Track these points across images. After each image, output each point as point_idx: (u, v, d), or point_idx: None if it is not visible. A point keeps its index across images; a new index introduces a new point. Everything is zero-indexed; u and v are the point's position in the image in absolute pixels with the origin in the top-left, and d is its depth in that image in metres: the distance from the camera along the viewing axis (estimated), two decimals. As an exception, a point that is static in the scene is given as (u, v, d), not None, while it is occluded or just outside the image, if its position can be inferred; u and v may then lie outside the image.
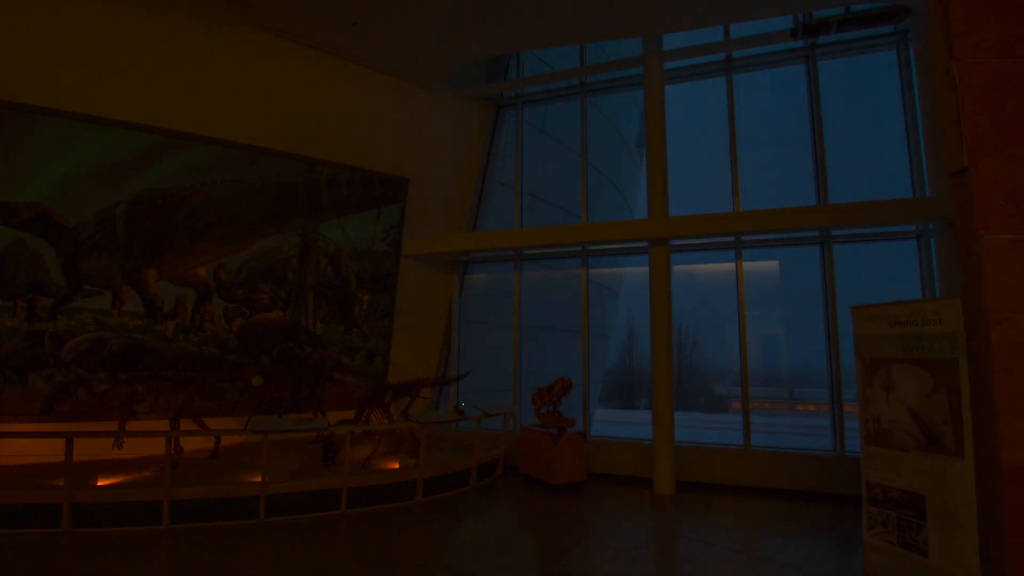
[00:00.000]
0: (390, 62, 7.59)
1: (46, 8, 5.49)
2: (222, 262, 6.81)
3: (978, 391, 3.31)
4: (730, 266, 7.32)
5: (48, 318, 5.87)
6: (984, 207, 3.40)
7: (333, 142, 7.39)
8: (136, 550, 4.36)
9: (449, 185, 8.75)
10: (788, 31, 7.09)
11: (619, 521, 5.44)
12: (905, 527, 3.49)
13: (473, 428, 6.65)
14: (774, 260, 7.94)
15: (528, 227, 8.68)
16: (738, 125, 7.50)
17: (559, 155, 9.77)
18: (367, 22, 6.64)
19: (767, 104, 8.23)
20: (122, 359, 6.14)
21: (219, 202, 6.67)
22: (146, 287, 6.38)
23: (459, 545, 4.83)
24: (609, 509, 5.83)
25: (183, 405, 5.96)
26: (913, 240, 6.60)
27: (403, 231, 8.07)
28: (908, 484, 3.52)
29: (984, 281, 3.29)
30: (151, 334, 6.37)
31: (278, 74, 6.90)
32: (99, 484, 5.04)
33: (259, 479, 5.17)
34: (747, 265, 7.25)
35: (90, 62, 5.76)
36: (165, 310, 6.45)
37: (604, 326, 11.94)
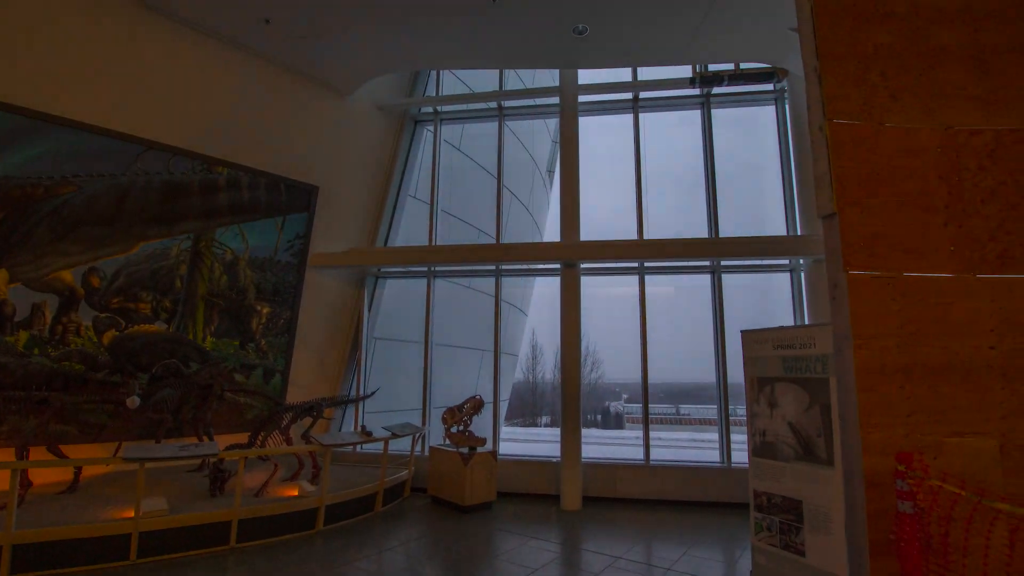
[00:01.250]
0: (305, 65, 7.27)
1: None
2: (94, 266, 5.99)
3: (844, 406, 3.78)
4: (630, 289, 7.79)
5: None
6: (848, 248, 3.93)
7: (237, 142, 6.88)
8: (-38, 608, 3.62)
9: (361, 197, 8.48)
10: (688, 79, 7.83)
11: (528, 539, 5.47)
12: (786, 530, 3.88)
13: (380, 450, 6.39)
14: (671, 286, 8.59)
15: (442, 244, 8.63)
16: (646, 159, 8.09)
17: (474, 174, 9.88)
18: (281, 20, 6.32)
19: (672, 142, 8.96)
20: (-47, 376, 5.15)
21: (95, 198, 5.89)
22: (-9, 291, 5.43)
23: None
24: (519, 528, 5.84)
25: (36, 430, 5.10)
26: (788, 272, 7.49)
27: (310, 241, 7.66)
28: (789, 491, 3.93)
29: (848, 311, 3.78)
30: (-5, 347, 5.42)
31: (177, 63, 6.32)
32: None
33: (131, 514, 4.54)
34: (649, 289, 7.76)
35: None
36: (17, 319, 5.52)
37: (512, 345, 12.12)
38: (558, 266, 7.49)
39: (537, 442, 11.23)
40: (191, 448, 5.14)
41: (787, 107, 7.85)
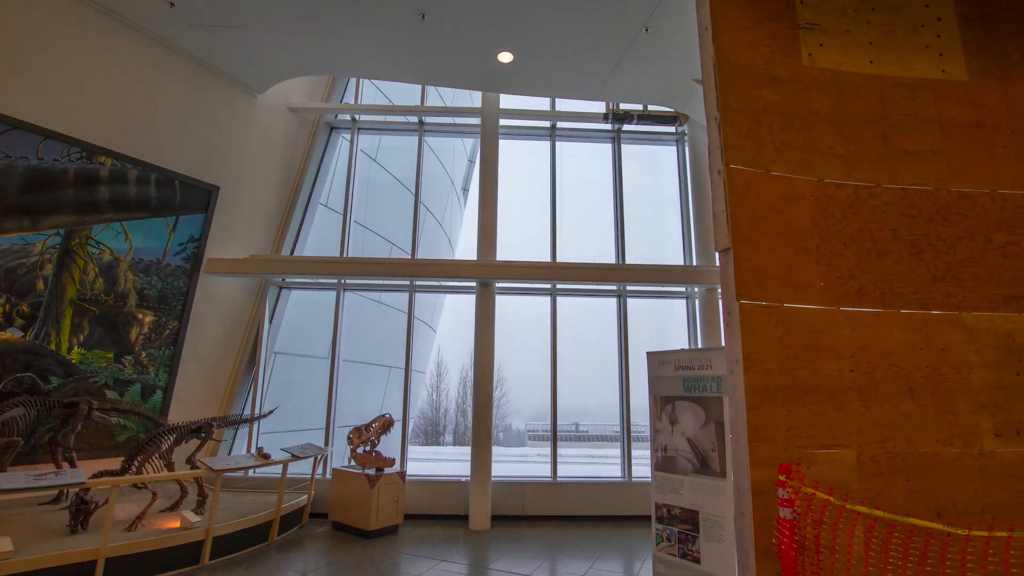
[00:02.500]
0: (214, 58, 6.78)
1: None
2: (-71, 261, 5.05)
3: (735, 423, 4.17)
4: (536, 309, 8.05)
5: None
6: (740, 279, 4.38)
7: (127, 131, 6.20)
8: None
9: (267, 201, 7.98)
10: (602, 115, 8.35)
11: (437, 563, 5.35)
12: (685, 540, 4.18)
13: (278, 474, 5.94)
14: (582, 307, 8.96)
15: (355, 256, 8.34)
16: (561, 186, 8.45)
17: (390, 187, 9.71)
18: (187, 6, 5.86)
19: (585, 171, 9.44)
20: None
21: (-65, 181, 4.99)
22: None
23: (257, 611, 4.20)
24: (426, 552, 5.70)
25: None
26: (684, 299, 8.15)
27: (205, 245, 7.04)
28: (687, 502, 4.24)
29: (739, 336, 4.20)
30: None
31: (58, 35, 5.59)
32: None
33: (-38, 558, 3.81)
34: (560, 310, 8.06)
35: None
36: None
37: (420, 361, 11.92)
38: (474, 284, 7.54)
39: (442, 461, 11.07)
40: (50, 477, 4.44)
41: (687, 149, 8.63)
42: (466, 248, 13.24)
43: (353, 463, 6.56)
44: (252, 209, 7.72)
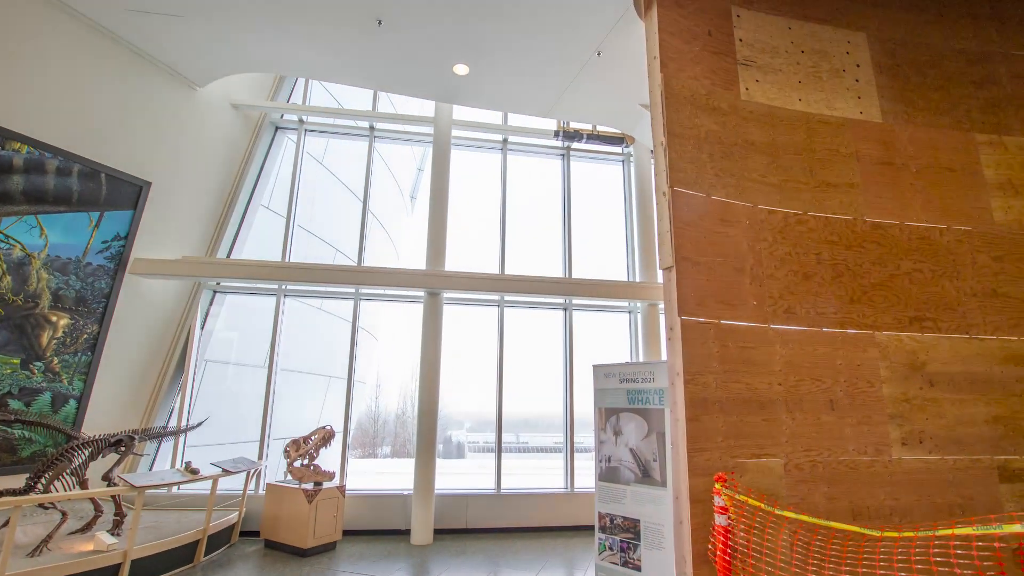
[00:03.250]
0: (152, 46, 6.40)
1: None
2: None
3: (675, 433, 4.36)
4: (480, 320, 8.08)
5: None
6: (682, 296, 4.61)
7: (48, 117, 5.73)
8: None
9: (204, 200, 7.58)
10: (553, 131, 8.56)
11: (376, 579, 5.21)
12: (626, 548, 4.30)
13: (207, 491, 5.59)
14: (530, 319, 9.06)
15: (297, 261, 8.05)
16: (511, 198, 8.56)
17: (336, 191, 9.48)
18: (125, -9, 5.53)
19: (535, 186, 9.61)
20: None
21: None
22: None
23: (181, 639, 3.92)
24: (366, 568, 5.53)
25: None
26: (627, 313, 8.43)
27: (133, 244, 6.59)
28: (629, 512, 4.38)
29: (680, 351, 4.41)
30: None
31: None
32: None
33: None
34: (507, 321, 8.12)
35: None
36: None
37: (361, 371, 11.60)
38: (422, 294, 7.47)
39: (381, 474, 10.81)
40: (-62, 497, 3.97)
41: (632, 169, 8.99)
42: (411, 256, 13.09)
43: (290, 477, 6.29)
44: (187, 208, 7.30)
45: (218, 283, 7.61)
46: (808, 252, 4.81)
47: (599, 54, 6.33)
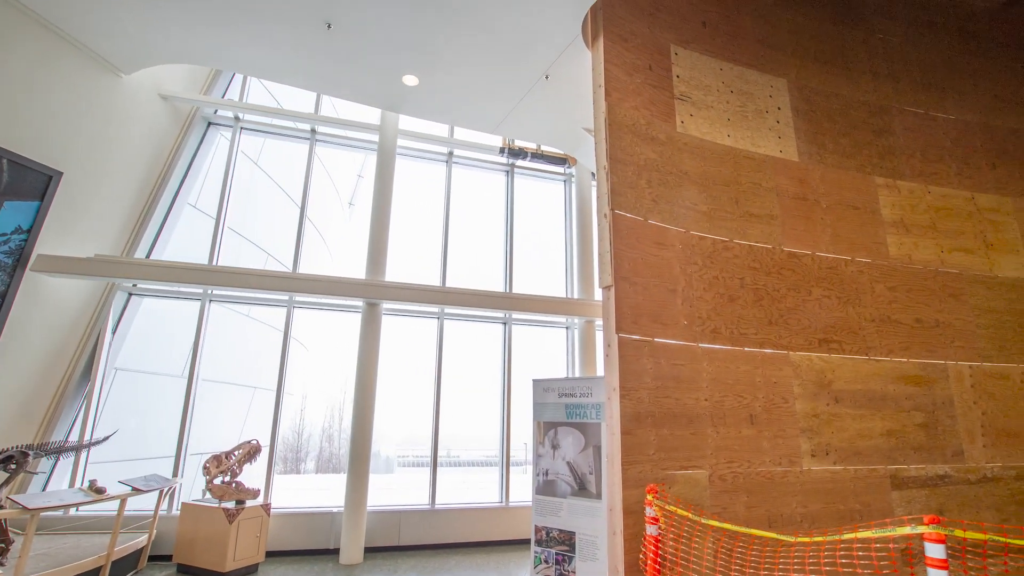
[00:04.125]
0: (71, 26, 5.92)
1: None
2: None
3: (611, 447, 4.52)
4: (419, 330, 8.03)
5: None
6: (620, 314, 4.81)
7: (-62, 96, 5.13)
8: None
9: (124, 196, 7.03)
10: (498, 148, 8.71)
11: (302, 602, 4.97)
12: (561, 560, 4.38)
13: (112, 512, 5.13)
14: (470, 332, 9.07)
15: (226, 265, 7.63)
16: (456, 211, 8.58)
17: (271, 194, 9.10)
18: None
19: (479, 200, 9.69)
20: None
21: None
22: None
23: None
24: (290, 590, 5.27)
25: None
26: (564, 328, 8.65)
27: (37, 239, 6.00)
28: (565, 524, 4.47)
29: (617, 367, 4.59)
30: None
31: None
32: None
33: None
34: (446, 334, 8.09)
35: None
36: None
37: (288, 382, 11.10)
38: (360, 304, 7.30)
39: (308, 491, 10.35)
40: None
41: (573, 189, 9.30)
42: (348, 264, 12.75)
43: (209, 496, 5.89)
44: (103, 202, 6.75)
45: (135, 285, 7.06)
46: (733, 276, 5.19)
47: (547, 77, 6.55)
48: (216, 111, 8.14)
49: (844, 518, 4.55)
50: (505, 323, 8.31)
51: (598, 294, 8.65)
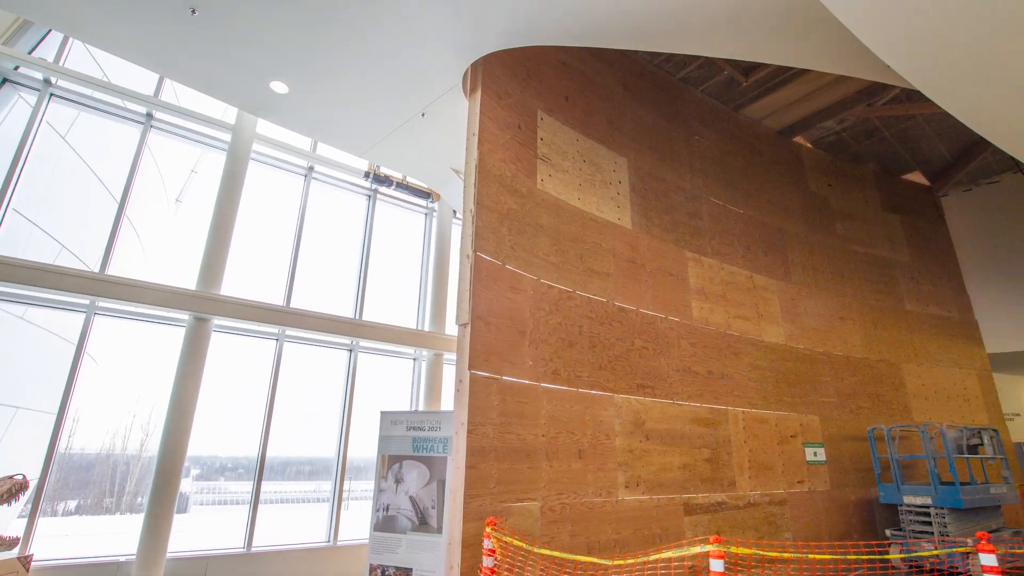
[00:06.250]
0: None
1: None
2: None
3: (454, 480, 4.65)
4: (258, 353, 7.41)
5: None
6: (473, 352, 5.06)
7: None
8: None
9: None
10: (363, 171, 8.58)
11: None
12: (395, 598, 4.32)
13: None
14: (309, 357, 8.54)
15: (7, 255, 6.20)
16: (310, 229, 8.15)
17: (80, 176, 7.70)
18: None
19: (338, 220, 9.32)
20: None
21: None
22: None
23: None
24: (49, 662, 4.30)
25: None
26: (412, 360, 8.63)
27: None
28: (402, 561, 4.43)
29: (467, 402, 4.80)
30: None
31: None
32: None
33: None
34: (285, 357, 7.53)
35: None
36: None
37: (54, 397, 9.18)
38: (186, 316, 6.48)
39: (92, 535, 8.60)
40: None
41: (435, 224, 9.50)
42: (168, 270, 11.17)
43: (-64, 547, 4.58)
44: None
45: None
46: (573, 324, 5.80)
47: (423, 115, 6.75)
48: (17, 67, 6.73)
49: (648, 542, 5.25)
50: (351, 350, 8.03)
51: (449, 328, 8.85)
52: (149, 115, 7.44)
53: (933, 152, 10.19)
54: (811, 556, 3.27)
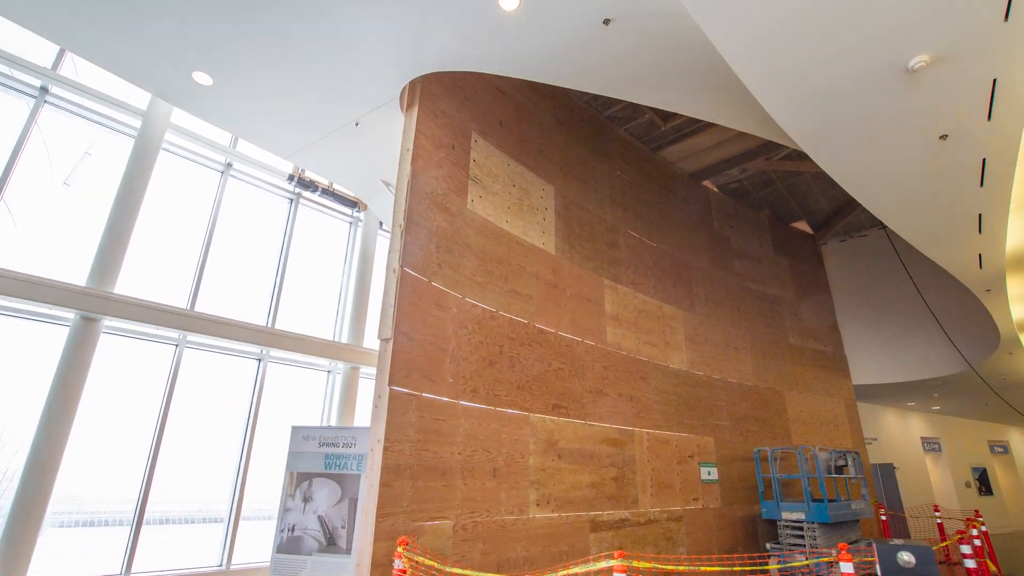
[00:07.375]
0: None
1: None
2: None
3: (367, 499, 4.55)
4: (153, 357, 6.83)
5: None
6: (395, 367, 5.01)
7: None
8: None
9: None
10: (287, 174, 8.26)
11: None
12: (296, 623, 4.12)
13: None
14: (215, 365, 7.96)
15: None
16: (223, 229, 7.68)
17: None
18: None
19: (255, 220, 8.84)
20: None
21: None
22: None
23: None
24: None
25: None
26: (327, 372, 8.32)
27: None
28: (305, 583, 4.25)
29: (385, 418, 4.74)
30: None
31: None
32: None
33: None
34: (184, 364, 6.99)
35: None
36: None
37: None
38: (71, 315, 5.85)
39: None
40: None
41: (359, 234, 9.31)
42: (49, 261, 10.03)
43: None
44: None
45: None
46: (495, 343, 5.93)
47: (357, 124, 6.67)
48: None
49: (556, 558, 5.41)
50: (260, 359, 7.60)
51: (368, 341, 8.64)
52: (44, 88, 6.73)
53: (817, 205, 11.57)
54: (702, 569, 3.57)
